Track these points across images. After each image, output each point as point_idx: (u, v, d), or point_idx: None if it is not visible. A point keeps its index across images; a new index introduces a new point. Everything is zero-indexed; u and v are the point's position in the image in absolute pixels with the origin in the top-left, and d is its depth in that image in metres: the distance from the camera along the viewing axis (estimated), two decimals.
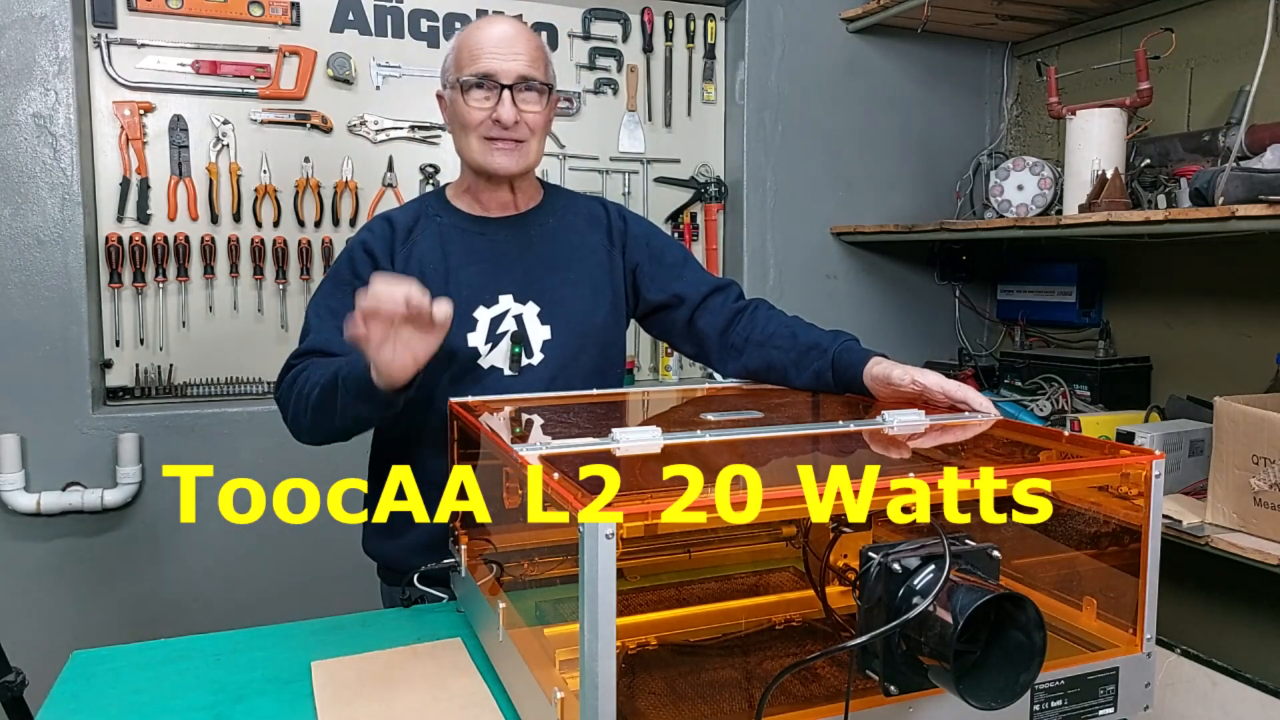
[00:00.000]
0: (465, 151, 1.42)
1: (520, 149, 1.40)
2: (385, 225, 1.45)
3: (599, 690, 0.73)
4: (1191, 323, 2.38)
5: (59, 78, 2.07)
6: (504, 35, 1.37)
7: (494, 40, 1.36)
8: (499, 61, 1.36)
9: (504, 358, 1.40)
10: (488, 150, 1.39)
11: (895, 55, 2.79)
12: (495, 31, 1.38)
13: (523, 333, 1.41)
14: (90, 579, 2.17)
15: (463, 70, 1.37)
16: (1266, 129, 1.97)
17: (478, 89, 1.36)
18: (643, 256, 1.53)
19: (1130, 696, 0.93)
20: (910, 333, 2.88)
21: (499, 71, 1.36)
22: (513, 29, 1.39)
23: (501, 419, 1.20)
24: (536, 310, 1.43)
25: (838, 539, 0.99)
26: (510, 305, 1.42)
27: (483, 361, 1.40)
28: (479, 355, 1.40)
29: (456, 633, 1.18)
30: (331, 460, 2.27)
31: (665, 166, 2.71)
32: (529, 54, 1.38)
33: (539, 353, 1.42)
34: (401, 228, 1.44)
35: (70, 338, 2.11)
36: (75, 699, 1.02)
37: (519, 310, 1.42)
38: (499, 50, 1.36)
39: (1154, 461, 0.92)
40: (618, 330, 1.52)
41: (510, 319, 1.41)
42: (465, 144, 1.41)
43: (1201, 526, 1.76)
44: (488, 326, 1.40)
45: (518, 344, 1.40)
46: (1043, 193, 2.37)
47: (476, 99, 1.37)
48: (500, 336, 1.40)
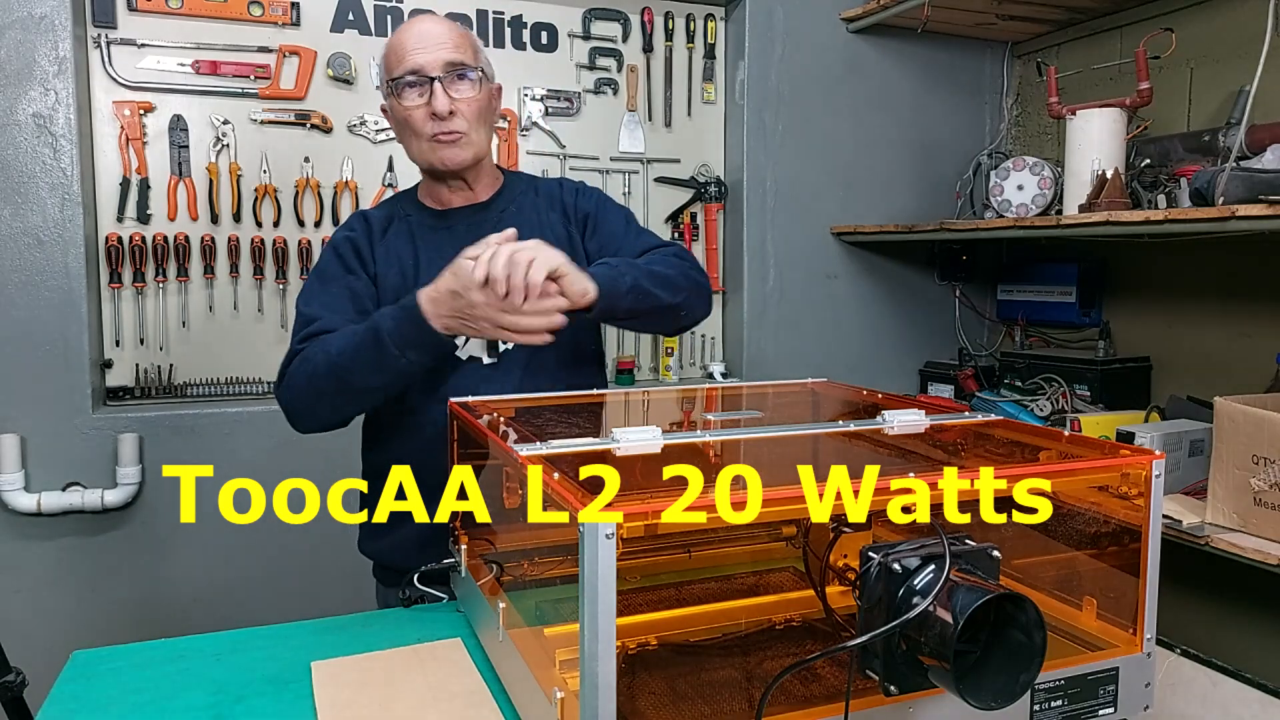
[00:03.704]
0: (414, 154, 1.45)
1: (463, 140, 1.41)
2: (362, 221, 1.50)
3: (599, 690, 0.73)
4: (1191, 323, 2.38)
5: (59, 78, 2.07)
6: (425, 30, 1.39)
7: (416, 37, 1.39)
8: (424, 55, 1.37)
9: (480, 347, 1.42)
10: (433, 148, 1.41)
11: (895, 55, 2.79)
12: (416, 29, 1.40)
13: None
14: (90, 579, 2.17)
15: (392, 72, 1.40)
16: (1266, 129, 1.97)
17: (410, 88, 1.38)
18: (590, 223, 1.54)
19: (1130, 696, 0.93)
20: (910, 333, 2.88)
21: (425, 65, 1.37)
22: (433, 23, 1.41)
23: (501, 419, 1.20)
24: None
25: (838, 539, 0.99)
26: None
27: (460, 353, 1.42)
28: (455, 347, 1.41)
29: (456, 633, 1.18)
30: (331, 460, 2.28)
31: (665, 166, 2.71)
32: (453, 42, 1.39)
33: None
34: (377, 224, 1.49)
35: (70, 338, 2.11)
36: (75, 699, 1.02)
37: None
38: (422, 45, 1.38)
39: (1154, 461, 0.92)
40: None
41: None
42: (413, 147, 1.44)
43: (1201, 526, 1.76)
44: None
45: None
46: (1043, 193, 2.37)
47: (411, 97, 1.39)
48: None
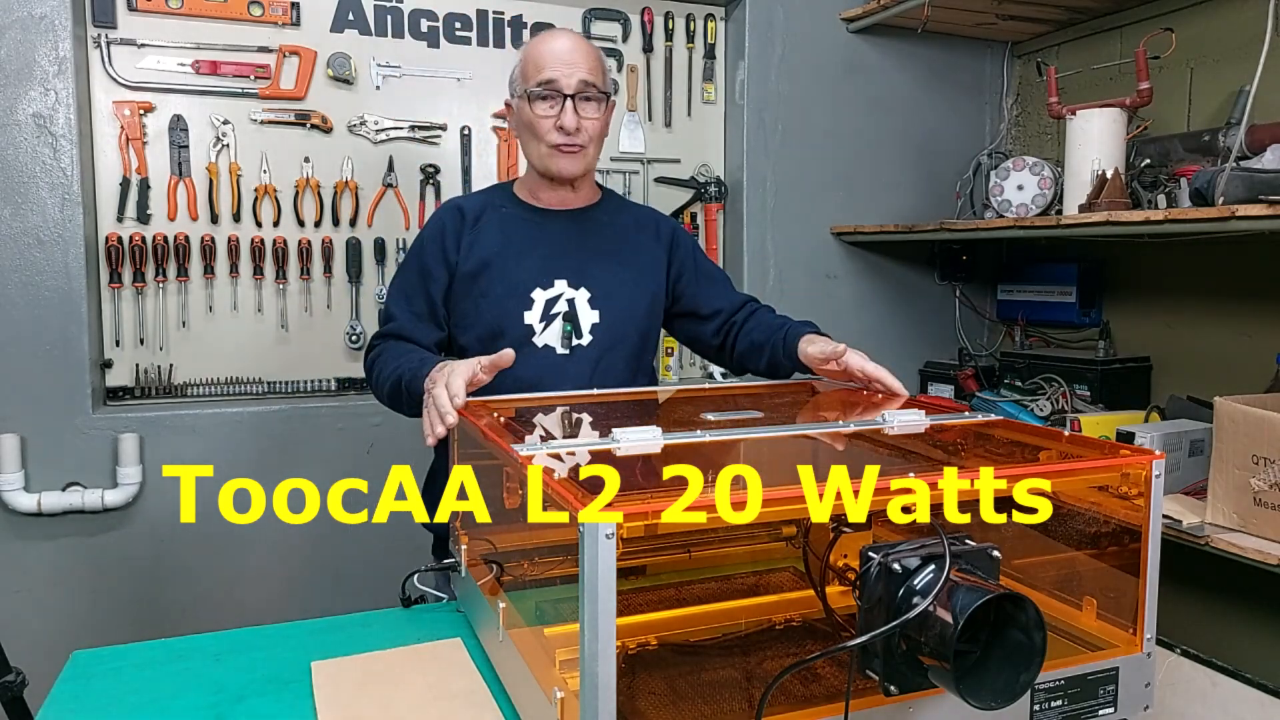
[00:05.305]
0: (532, 156, 1.56)
1: (581, 154, 1.54)
2: (455, 213, 1.59)
3: (599, 690, 0.73)
4: (1191, 323, 2.38)
5: (59, 78, 2.07)
6: (566, 48, 1.51)
7: (557, 52, 1.50)
8: (563, 71, 1.49)
9: (556, 337, 1.54)
10: (553, 155, 1.53)
11: (895, 55, 2.79)
12: (559, 45, 1.51)
13: (574, 314, 1.55)
14: (90, 579, 2.17)
15: (529, 81, 1.51)
16: (1266, 129, 1.97)
17: (543, 99, 1.50)
18: (688, 267, 1.68)
19: (1130, 696, 0.93)
20: (910, 333, 2.88)
21: (563, 82, 1.49)
22: (573, 42, 1.53)
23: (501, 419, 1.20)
24: (588, 296, 1.56)
25: (838, 539, 0.99)
26: (564, 289, 1.55)
27: (537, 340, 1.53)
28: (533, 333, 1.53)
29: (456, 633, 1.18)
30: (331, 460, 2.29)
31: (665, 166, 2.71)
32: (589, 65, 1.51)
33: (587, 334, 1.55)
34: (470, 215, 1.58)
35: (70, 338, 2.11)
36: (75, 699, 1.02)
37: (572, 294, 1.55)
38: (562, 62, 1.49)
39: (1154, 461, 0.92)
40: (656, 321, 1.67)
41: (563, 301, 1.55)
42: (533, 149, 1.55)
43: (1201, 526, 1.76)
44: (542, 307, 1.54)
45: (569, 324, 1.54)
46: (1043, 193, 2.37)
47: (542, 108, 1.50)
48: (553, 317, 1.54)
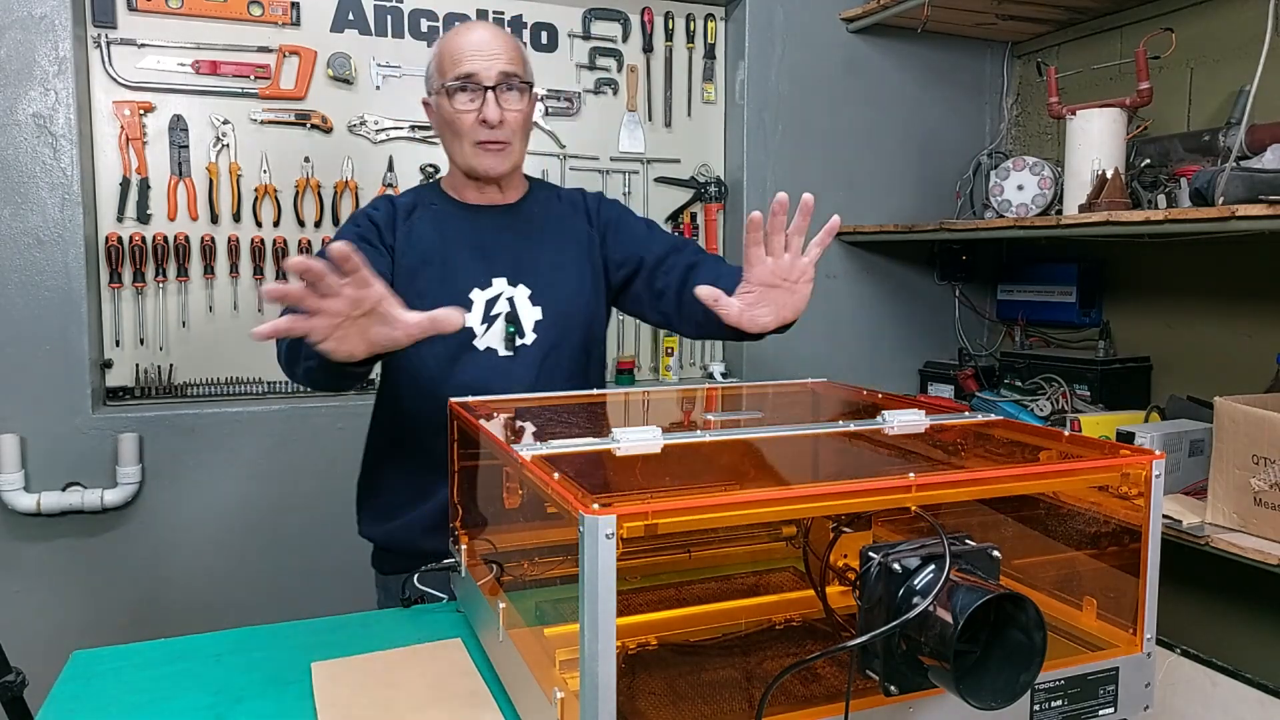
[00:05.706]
0: (455, 155, 1.50)
1: (506, 150, 1.47)
2: (388, 204, 1.53)
3: (599, 690, 0.73)
4: (1191, 323, 2.38)
5: (59, 78, 2.07)
6: (483, 39, 1.44)
7: (474, 44, 1.44)
8: (480, 63, 1.43)
9: (499, 338, 1.48)
10: (477, 154, 1.46)
11: (895, 55, 2.79)
12: (474, 36, 1.45)
13: (515, 314, 1.49)
14: (90, 579, 2.17)
15: (446, 75, 1.44)
16: (1266, 129, 1.97)
17: (462, 92, 1.44)
18: (610, 230, 1.60)
19: (1130, 696, 0.93)
20: (910, 333, 2.88)
21: (481, 73, 1.43)
22: (490, 32, 1.46)
23: (501, 419, 1.20)
24: (528, 293, 1.50)
25: (838, 539, 0.99)
26: (503, 288, 1.49)
27: (478, 342, 1.47)
28: (474, 336, 1.46)
29: (456, 633, 1.18)
30: (331, 460, 2.28)
31: (665, 166, 2.71)
32: (508, 55, 1.45)
33: (530, 332, 1.50)
34: (402, 208, 1.52)
35: (70, 338, 2.11)
36: (75, 699, 1.02)
37: (511, 293, 1.50)
38: (479, 53, 1.43)
39: (1154, 461, 0.92)
40: (600, 308, 1.60)
41: (504, 301, 1.49)
42: (455, 148, 1.49)
43: (1201, 526, 1.76)
44: (483, 308, 1.48)
45: (512, 324, 1.49)
46: (1043, 193, 2.37)
47: (462, 102, 1.44)
48: (494, 318, 1.48)
